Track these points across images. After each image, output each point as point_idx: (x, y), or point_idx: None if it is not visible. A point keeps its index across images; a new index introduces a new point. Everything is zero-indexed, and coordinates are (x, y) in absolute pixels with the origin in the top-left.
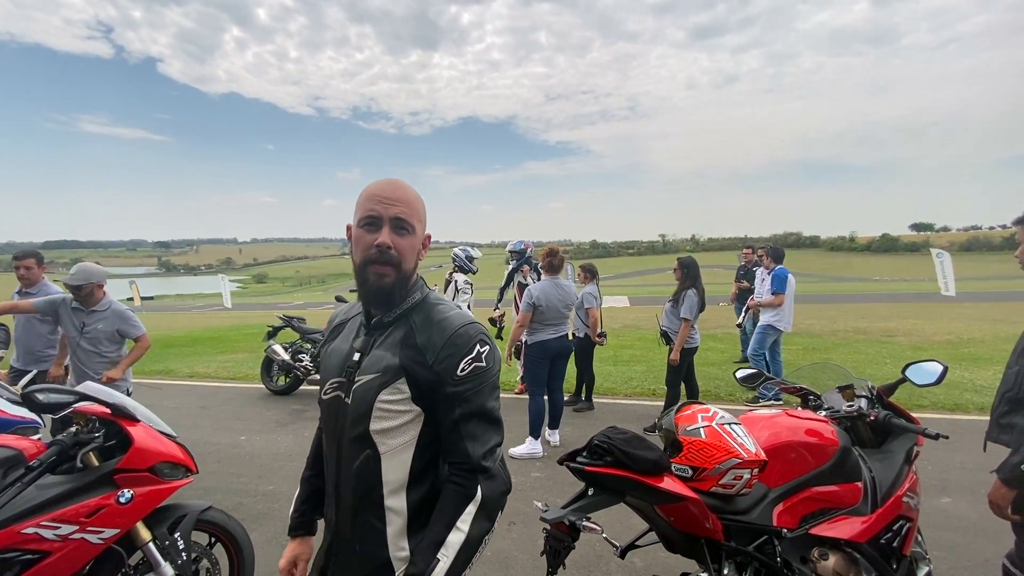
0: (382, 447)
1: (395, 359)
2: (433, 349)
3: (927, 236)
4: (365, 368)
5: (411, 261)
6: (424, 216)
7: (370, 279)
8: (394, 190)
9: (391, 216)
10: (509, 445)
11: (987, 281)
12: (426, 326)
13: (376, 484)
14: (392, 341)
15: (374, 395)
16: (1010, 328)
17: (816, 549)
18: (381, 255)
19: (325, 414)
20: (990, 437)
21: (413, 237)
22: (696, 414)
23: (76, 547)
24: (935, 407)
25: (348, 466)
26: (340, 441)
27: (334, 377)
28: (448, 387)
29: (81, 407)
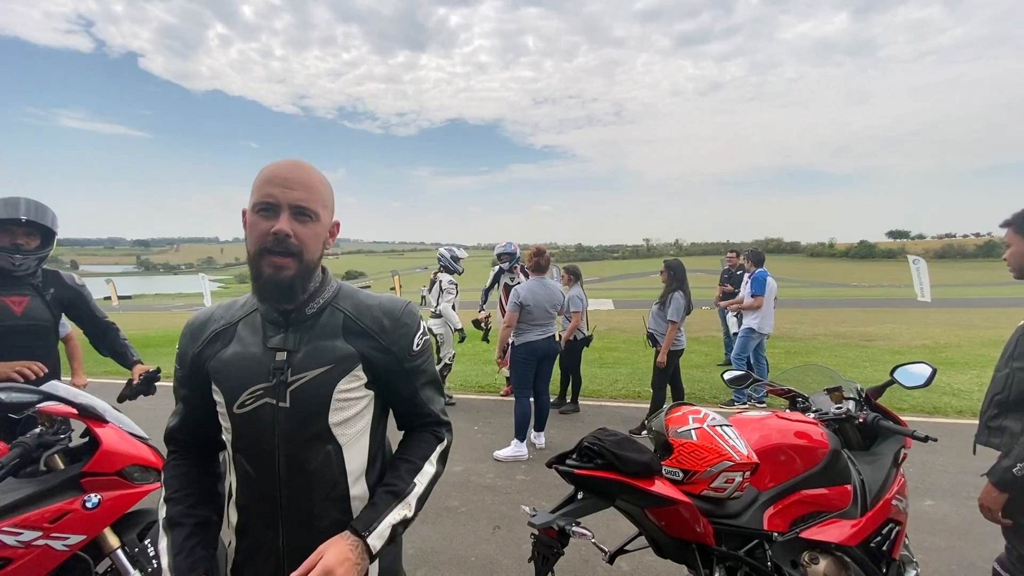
0: (343, 438)
1: (346, 347)
2: (385, 331)
3: (903, 243)
4: (302, 365)
5: (315, 251)
6: (330, 201)
7: (266, 271)
8: (294, 172)
9: (290, 202)
10: (495, 447)
11: (961, 287)
12: (365, 311)
13: (340, 478)
14: (329, 331)
15: (330, 388)
16: (985, 333)
17: (806, 553)
18: (278, 244)
19: (247, 428)
20: (980, 440)
21: (316, 224)
22: (687, 415)
23: (39, 554)
24: (914, 410)
25: (302, 471)
26: (282, 450)
27: (253, 384)
28: (405, 363)
29: (46, 407)
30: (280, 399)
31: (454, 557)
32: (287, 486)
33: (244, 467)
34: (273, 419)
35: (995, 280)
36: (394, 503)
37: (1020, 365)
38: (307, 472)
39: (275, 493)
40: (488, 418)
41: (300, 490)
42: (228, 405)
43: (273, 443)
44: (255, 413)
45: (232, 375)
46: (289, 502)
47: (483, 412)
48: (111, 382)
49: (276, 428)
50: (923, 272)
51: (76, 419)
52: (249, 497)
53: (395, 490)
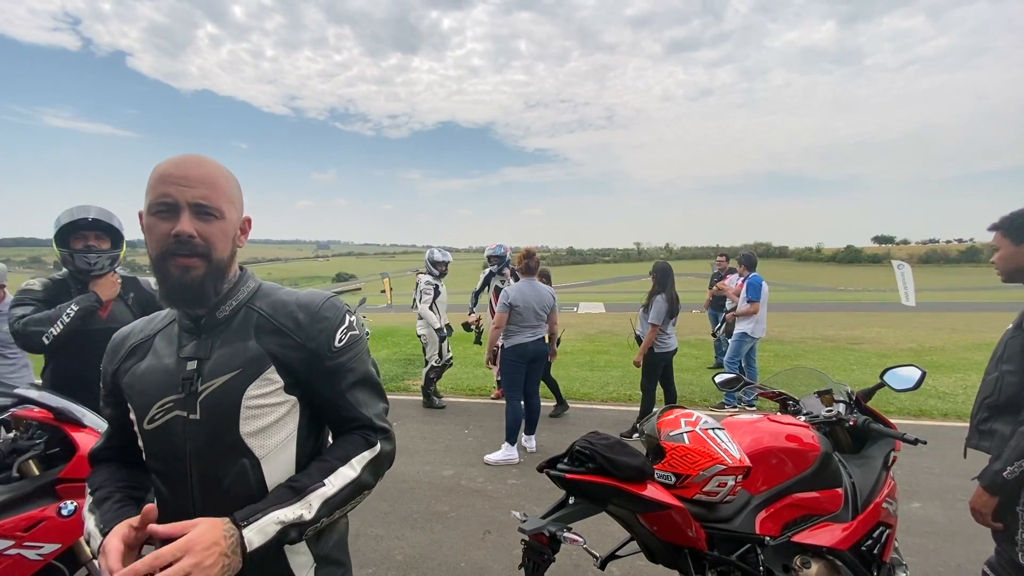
0: (260, 451)
1: (256, 347)
2: (301, 327)
3: (888, 248)
4: (212, 372)
5: (224, 249)
6: (236, 196)
7: (172, 272)
8: (191, 169)
9: (189, 200)
10: (485, 451)
11: (945, 292)
12: (280, 308)
13: (259, 494)
14: (240, 334)
15: (239, 394)
16: (968, 337)
17: (798, 557)
18: (182, 246)
19: (157, 444)
20: (971, 444)
21: (223, 222)
22: (679, 419)
23: (11, 564)
24: (901, 412)
25: (216, 488)
26: (194, 466)
27: (163, 397)
28: (326, 361)
29: (20, 411)
30: (191, 411)
31: (444, 563)
32: (201, 505)
33: (159, 487)
34: (183, 433)
35: (978, 284)
36: (289, 498)
37: (1009, 368)
38: (221, 489)
39: (190, 512)
40: (479, 421)
41: (215, 510)
42: (139, 421)
43: (184, 459)
44: (165, 427)
45: (142, 389)
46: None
47: (473, 415)
48: None
49: (187, 443)
50: (908, 277)
51: (52, 423)
52: (165, 519)
53: (295, 485)
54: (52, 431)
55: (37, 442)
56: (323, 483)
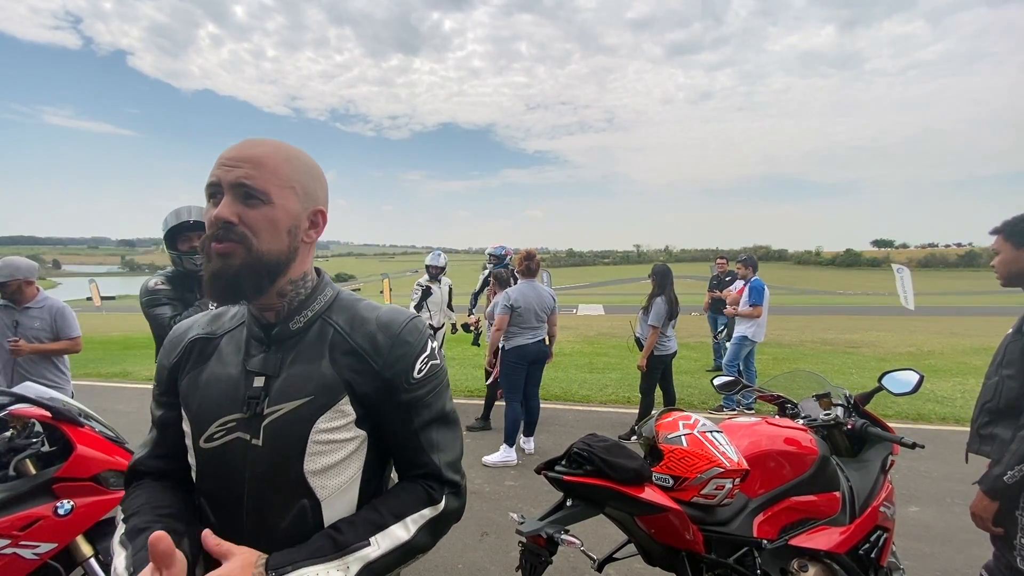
0: (321, 491)
1: (331, 372)
2: (379, 352)
3: (888, 252)
4: (280, 395)
5: (269, 240)
6: (300, 183)
7: (210, 260)
8: (243, 149)
9: (231, 181)
10: (483, 452)
11: (944, 296)
12: (358, 326)
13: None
14: (314, 352)
15: (307, 426)
16: (967, 341)
17: (795, 561)
18: (218, 231)
19: (213, 466)
20: (971, 449)
21: (270, 208)
22: (677, 421)
23: (7, 563)
24: (899, 416)
25: (270, 529)
26: (250, 499)
27: (225, 414)
28: (402, 394)
29: (17, 410)
30: (254, 435)
31: (441, 565)
32: (253, 540)
33: (206, 515)
34: (243, 459)
35: (977, 289)
36: (327, 554)
37: (1009, 373)
38: (277, 529)
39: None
40: None
41: (266, 548)
42: (195, 436)
43: (241, 489)
44: (224, 449)
45: (202, 401)
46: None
47: (472, 416)
48: (93, 384)
49: (246, 471)
50: (907, 280)
51: (50, 422)
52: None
53: (337, 538)
54: (49, 430)
55: (34, 441)
56: (368, 542)
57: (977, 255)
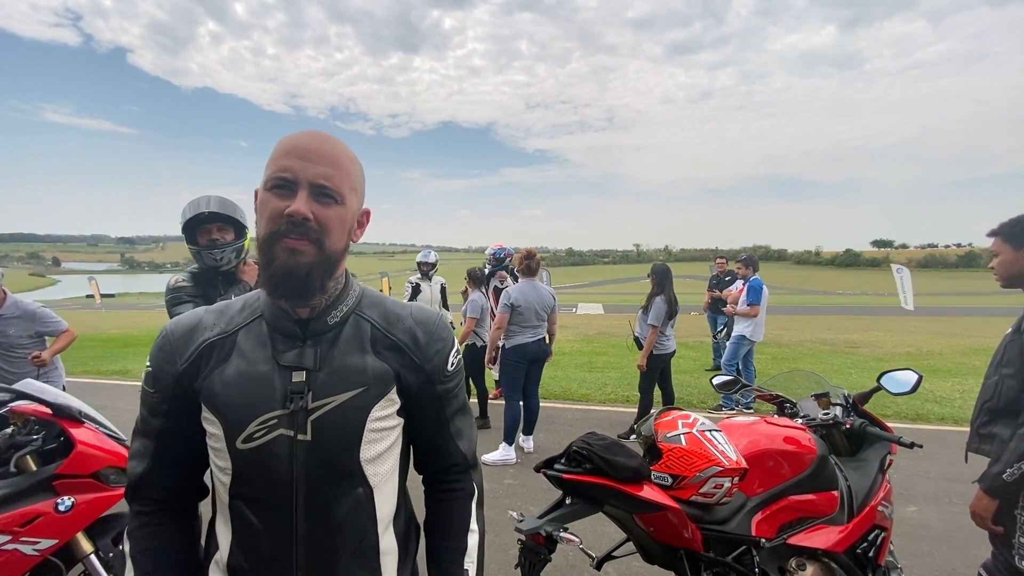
0: (374, 479)
1: (379, 364)
2: (419, 346)
3: (887, 252)
4: (329, 387)
5: (339, 240)
6: (360, 184)
7: (279, 256)
8: (319, 144)
9: (310, 178)
10: (483, 451)
11: (943, 296)
12: (395, 322)
13: (370, 527)
14: (354, 345)
15: (364, 415)
16: (966, 341)
17: (793, 559)
18: (294, 227)
19: (254, 467)
20: (971, 448)
21: (342, 208)
22: (676, 420)
23: (8, 559)
24: (898, 416)
25: (327, 520)
26: (301, 494)
27: (264, 412)
28: (438, 385)
29: (17, 406)
30: (299, 430)
31: None
32: (306, 540)
33: (246, 519)
34: (290, 455)
35: (976, 289)
36: None
37: (1009, 372)
38: (333, 522)
39: (289, 550)
40: (476, 421)
41: (323, 545)
42: (230, 438)
43: (290, 486)
44: (267, 448)
45: (236, 400)
46: (308, 560)
47: None
48: (93, 382)
49: (294, 467)
50: (906, 281)
51: (50, 419)
52: (251, 557)
53: None
54: (49, 427)
55: (34, 438)
56: (466, 569)
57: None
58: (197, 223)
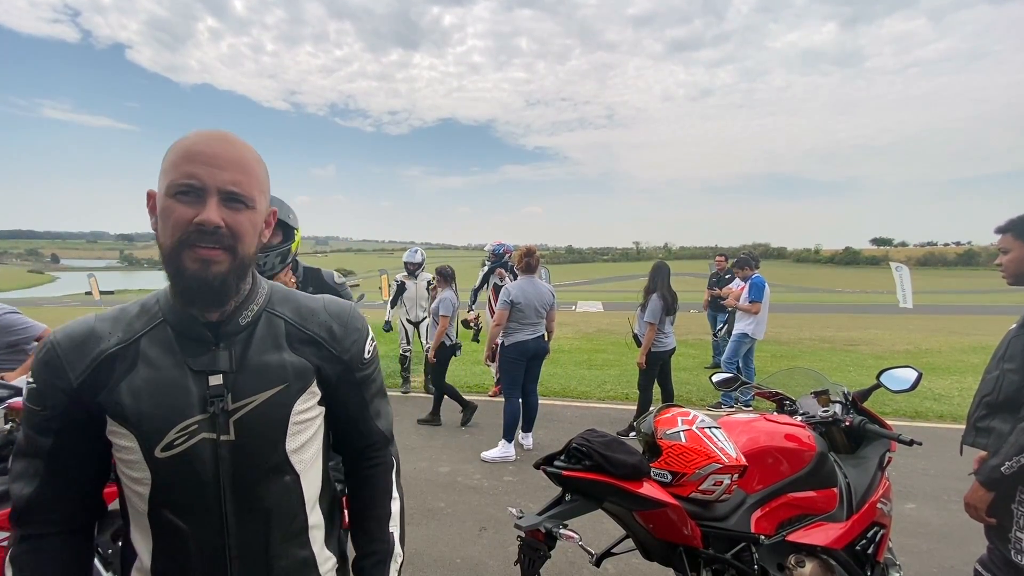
0: (300, 466)
1: (297, 359)
2: (336, 338)
3: (887, 250)
4: (248, 387)
5: (251, 244)
6: (267, 185)
7: (190, 266)
8: (224, 148)
9: (219, 185)
10: (482, 448)
11: (942, 295)
12: (309, 317)
13: (299, 509)
14: (270, 344)
15: (287, 410)
16: (965, 339)
17: (793, 556)
18: (205, 236)
19: (176, 474)
20: (967, 441)
21: (253, 213)
22: (676, 417)
23: (6, 555)
24: (896, 414)
25: (257, 510)
26: (229, 491)
27: (182, 418)
28: (357, 373)
29: (16, 403)
30: (222, 432)
31: (439, 559)
32: (238, 531)
33: (171, 524)
34: (215, 457)
35: (975, 288)
36: (387, 563)
37: (1010, 367)
38: (263, 510)
39: (222, 542)
40: (476, 418)
41: (255, 532)
42: (147, 449)
43: (217, 486)
44: (190, 453)
45: (150, 409)
46: (242, 549)
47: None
48: None
49: (220, 468)
50: (906, 279)
51: None
52: (180, 557)
53: (383, 555)
54: None
55: None
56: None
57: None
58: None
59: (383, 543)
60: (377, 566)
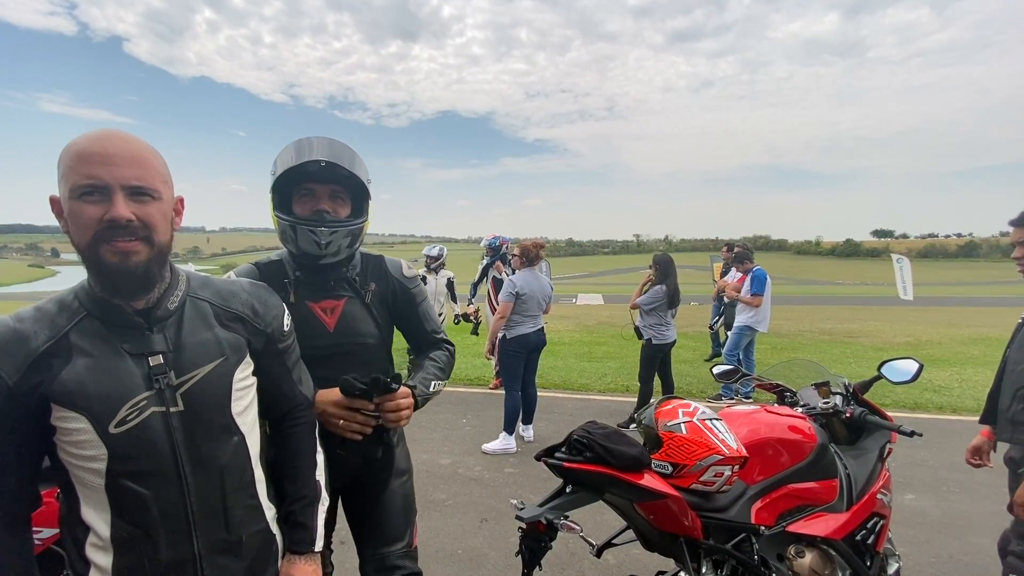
0: (244, 427)
1: (229, 335)
2: (259, 315)
3: (887, 242)
4: (188, 363)
5: (165, 232)
6: (168, 175)
7: (109, 260)
8: (120, 146)
9: (122, 181)
10: (483, 440)
11: (943, 287)
12: (231, 298)
13: (247, 465)
14: (200, 324)
15: (229, 378)
16: (966, 331)
17: (793, 547)
18: (119, 231)
19: (133, 446)
20: (1003, 437)
21: (160, 203)
22: (677, 409)
23: None
24: (896, 405)
25: (213, 467)
26: (185, 454)
27: (131, 397)
28: (279, 343)
29: None
30: (170, 404)
31: (441, 550)
32: (197, 489)
33: (132, 491)
34: (167, 427)
35: (976, 280)
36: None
37: None
38: (218, 468)
39: (183, 500)
40: (477, 411)
41: (212, 488)
42: (101, 426)
43: (173, 452)
44: (143, 426)
45: (97, 391)
46: (201, 504)
47: (472, 405)
48: None
49: (174, 435)
50: (906, 271)
51: None
52: (142, 523)
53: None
54: None
55: None
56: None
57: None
58: (299, 179)
59: (311, 489)
60: (306, 509)
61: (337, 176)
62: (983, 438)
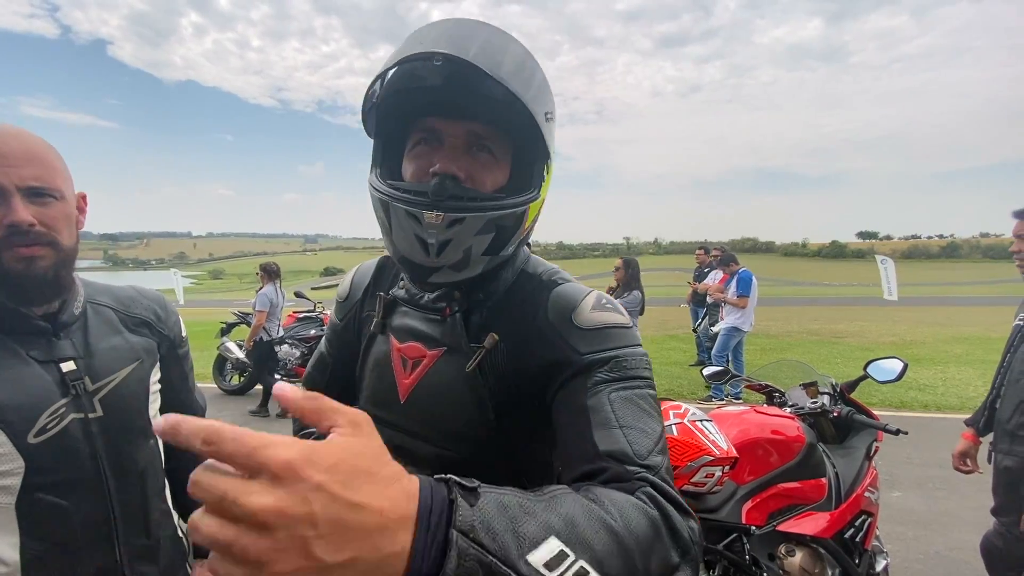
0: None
1: (139, 339)
2: (161, 320)
3: (872, 244)
4: (103, 368)
5: (71, 235)
6: (67, 172)
7: (14, 267)
8: (14, 144)
9: (19, 183)
10: None
11: (926, 287)
12: (131, 303)
13: (159, 467)
14: (106, 329)
15: (146, 382)
16: (949, 330)
17: (783, 546)
18: (20, 236)
19: (53, 455)
20: (1001, 449)
21: (63, 203)
22: (667, 411)
23: None
24: (882, 404)
25: (132, 471)
26: (106, 460)
27: (48, 405)
28: (179, 349)
29: None
30: (88, 410)
31: None
32: (119, 495)
33: (49, 506)
34: (86, 434)
35: (957, 279)
36: None
37: None
38: (139, 472)
39: (105, 507)
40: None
41: (133, 494)
42: (19, 437)
43: (94, 458)
44: (63, 434)
45: (12, 402)
46: (123, 511)
47: None
48: None
49: (93, 441)
50: (891, 271)
51: None
52: (58, 537)
53: None
54: None
55: None
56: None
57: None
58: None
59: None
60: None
61: (476, 99)
62: (968, 442)
